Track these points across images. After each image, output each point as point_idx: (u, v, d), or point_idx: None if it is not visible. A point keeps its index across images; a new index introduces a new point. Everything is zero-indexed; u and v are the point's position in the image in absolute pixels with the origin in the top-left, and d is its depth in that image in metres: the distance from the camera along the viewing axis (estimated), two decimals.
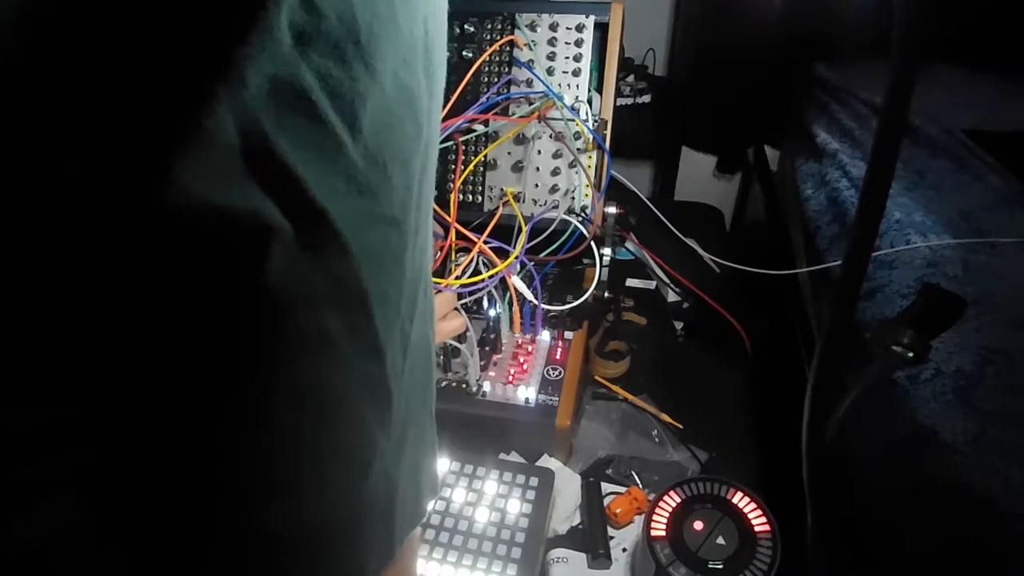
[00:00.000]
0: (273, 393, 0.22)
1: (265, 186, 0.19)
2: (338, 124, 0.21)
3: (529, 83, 0.83)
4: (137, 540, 0.21)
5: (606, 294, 0.84)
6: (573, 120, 0.82)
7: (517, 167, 0.84)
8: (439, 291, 0.71)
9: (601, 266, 0.81)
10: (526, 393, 0.73)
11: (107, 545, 0.21)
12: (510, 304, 0.79)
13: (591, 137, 0.81)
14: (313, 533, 0.24)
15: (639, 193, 1.02)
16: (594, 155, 0.83)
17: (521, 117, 0.82)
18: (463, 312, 0.73)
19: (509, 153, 0.85)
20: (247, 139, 0.19)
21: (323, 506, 0.25)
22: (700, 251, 1.02)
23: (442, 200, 0.81)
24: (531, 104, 0.82)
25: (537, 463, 0.73)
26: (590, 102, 0.83)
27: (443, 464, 0.69)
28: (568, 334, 0.80)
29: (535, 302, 0.77)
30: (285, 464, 0.23)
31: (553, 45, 0.83)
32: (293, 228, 0.20)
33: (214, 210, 0.18)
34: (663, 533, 0.59)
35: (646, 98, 1.26)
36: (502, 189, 0.85)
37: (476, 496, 0.67)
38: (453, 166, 0.84)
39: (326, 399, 0.23)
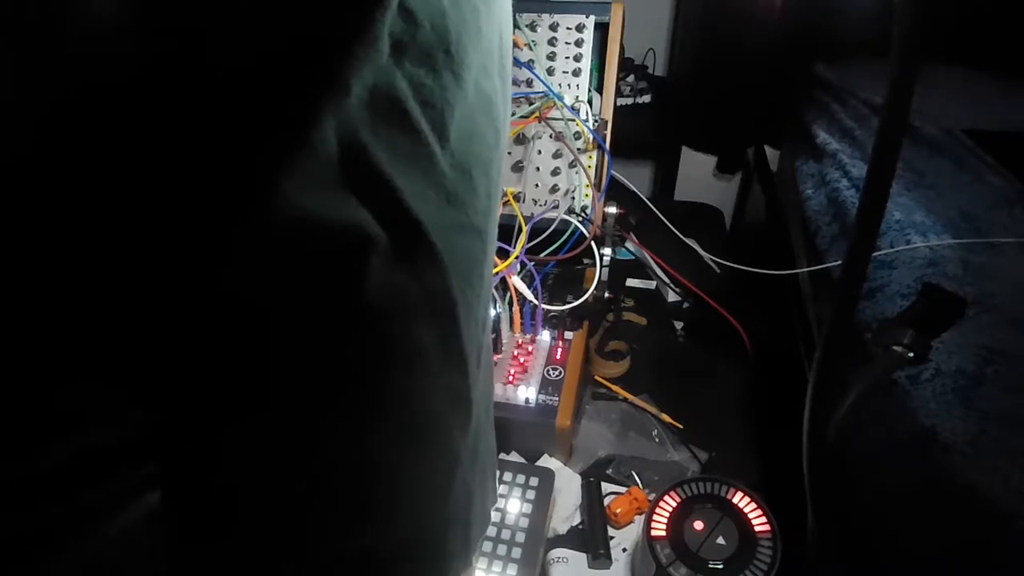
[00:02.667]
0: (371, 407, 0.21)
1: (363, 197, 0.19)
2: (429, 133, 0.21)
3: (529, 83, 0.83)
4: (231, 559, 0.21)
5: (606, 294, 0.84)
6: (573, 120, 0.82)
7: (517, 167, 0.84)
8: None
9: (601, 266, 0.81)
10: (526, 393, 0.73)
11: (192, 562, 0.20)
12: (510, 304, 0.78)
13: (591, 137, 0.81)
14: (406, 548, 0.24)
15: (639, 193, 1.02)
16: (594, 155, 0.83)
17: (521, 117, 0.82)
18: None
19: (509, 153, 0.85)
20: (346, 150, 0.18)
21: (415, 521, 0.25)
22: (700, 251, 1.02)
23: None
24: (531, 104, 0.82)
25: (537, 463, 0.73)
26: (590, 102, 0.82)
27: None
28: (568, 334, 0.80)
29: (535, 302, 0.77)
30: (382, 481, 0.23)
31: (553, 45, 0.83)
32: (389, 239, 0.20)
33: (318, 223, 0.18)
34: (663, 533, 0.59)
35: (646, 98, 1.26)
36: (502, 189, 0.85)
37: None
38: None
39: (418, 413, 0.23)
